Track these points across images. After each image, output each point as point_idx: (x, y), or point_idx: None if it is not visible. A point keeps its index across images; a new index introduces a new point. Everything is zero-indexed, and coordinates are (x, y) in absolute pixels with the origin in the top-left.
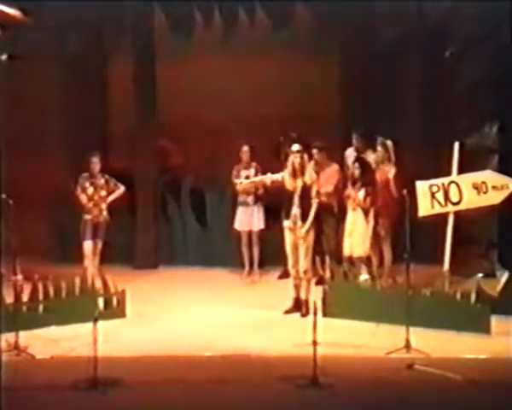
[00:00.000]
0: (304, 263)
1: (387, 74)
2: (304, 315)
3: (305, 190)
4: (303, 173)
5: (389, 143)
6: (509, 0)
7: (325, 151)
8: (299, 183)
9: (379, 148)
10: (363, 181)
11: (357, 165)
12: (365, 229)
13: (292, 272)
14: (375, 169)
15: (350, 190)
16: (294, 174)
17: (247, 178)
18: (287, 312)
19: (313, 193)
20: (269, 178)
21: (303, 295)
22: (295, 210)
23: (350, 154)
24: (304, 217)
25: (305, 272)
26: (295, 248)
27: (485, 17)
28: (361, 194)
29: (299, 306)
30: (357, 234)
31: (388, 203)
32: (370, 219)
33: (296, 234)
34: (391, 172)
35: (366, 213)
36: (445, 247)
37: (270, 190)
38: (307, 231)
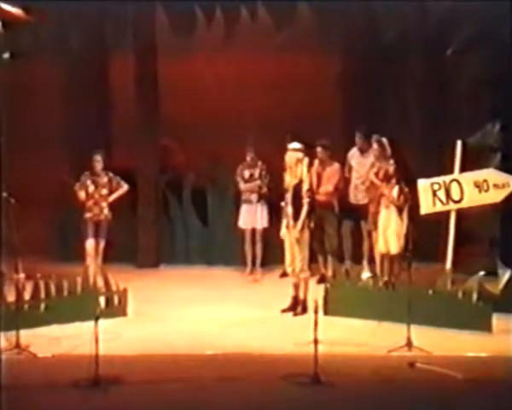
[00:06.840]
0: (298, 262)
1: (389, 73)
2: (296, 315)
3: (299, 189)
4: (296, 172)
5: (384, 140)
6: (509, 0)
7: (328, 150)
8: (293, 181)
9: (375, 146)
10: (398, 178)
11: (391, 161)
12: (400, 226)
13: (288, 270)
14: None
15: (384, 188)
16: (290, 172)
17: (252, 177)
18: (284, 311)
19: (303, 192)
20: None
21: (301, 295)
22: (289, 209)
23: (353, 154)
24: (296, 216)
25: (301, 271)
26: (292, 246)
27: (486, 17)
28: (395, 191)
29: (298, 305)
30: (392, 232)
31: None
32: (404, 217)
33: (291, 233)
34: (389, 168)
35: (400, 210)
36: (446, 245)
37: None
38: (300, 231)
